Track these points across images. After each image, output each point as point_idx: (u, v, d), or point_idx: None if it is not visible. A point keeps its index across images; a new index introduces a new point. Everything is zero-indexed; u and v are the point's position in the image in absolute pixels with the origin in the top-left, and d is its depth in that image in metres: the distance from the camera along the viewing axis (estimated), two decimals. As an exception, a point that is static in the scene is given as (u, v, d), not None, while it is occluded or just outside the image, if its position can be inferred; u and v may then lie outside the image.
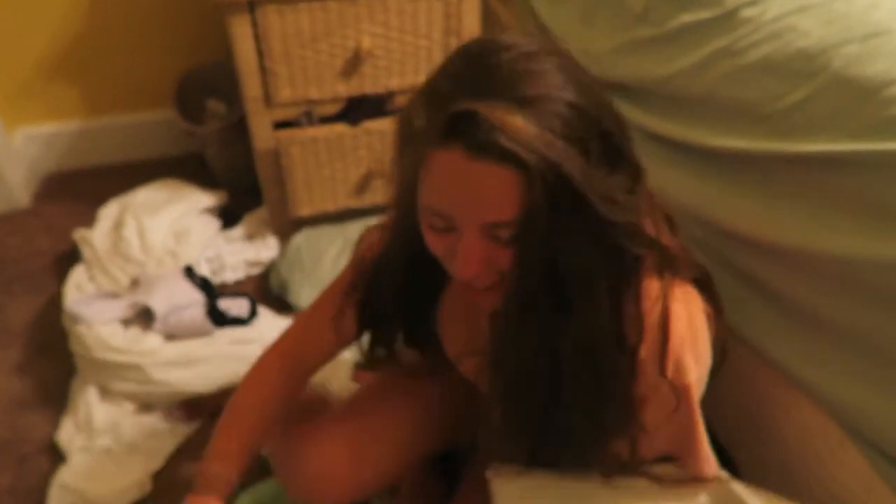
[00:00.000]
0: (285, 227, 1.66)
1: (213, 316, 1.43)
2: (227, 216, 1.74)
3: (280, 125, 1.52)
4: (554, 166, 0.60)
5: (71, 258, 1.64)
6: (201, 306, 1.43)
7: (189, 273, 1.52)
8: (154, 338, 1.38)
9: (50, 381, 1.43)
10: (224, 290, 1.58)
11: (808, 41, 0.88)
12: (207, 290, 1.48)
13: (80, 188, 1.90)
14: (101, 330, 1.36)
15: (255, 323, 1.46)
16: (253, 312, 1.48)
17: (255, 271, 1.66)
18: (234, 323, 1.44)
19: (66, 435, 1.31)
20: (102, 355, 1.33)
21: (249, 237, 1.70)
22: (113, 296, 1.46)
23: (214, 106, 1.85)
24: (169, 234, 1.62)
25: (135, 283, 1.50)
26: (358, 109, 1.54)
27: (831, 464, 0.88)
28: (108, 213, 1.67)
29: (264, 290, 1.61)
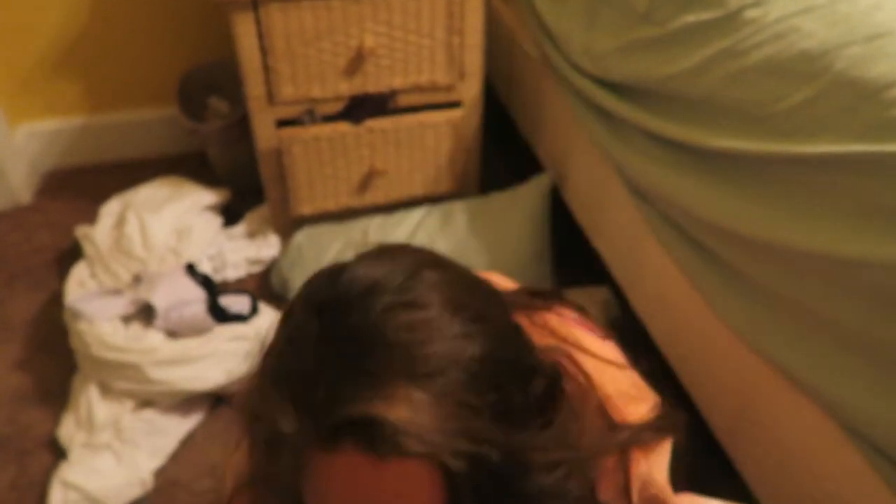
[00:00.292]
0: (287, 225, 1.67)
1: (215, 313, 1.43)
2: (229, 214, 1.74)
3: (282, 123, 1.52)
4: (476, 454, 0.49)
5: (72, 255, 1.65)
6: (203, 303, 1.43)
7: (191, 270, 1.52)
8: (155, 335, 1.38)
9: (51, 378, 1.43)
10: (225, 288, 1.58)
11: (812, 42, 0.88)
12: (209, 287, 1.49)
13: (82, 185, 1.90)
14: (100, 327, 1.36)
15: (255, 320, 1.46)
16: (254, 309, 1.48)
17: (257, 269, 1.66)
18: (235, 319, 1.45)
19: (67, 431, 1.31)
20: (101, 353, 1.33)
21: (251, 235, 1.70)
22: (114, 293, 1.46)
23: (217, 104, 1.85)
24: (171, 232, 1.62)
25: (136, 279, 1.50)
26: (360, 108, 1.54)
27: (831, 464, 0.88)
28: (110, 210, 1.67)
29: (265, 288, 1.61)
